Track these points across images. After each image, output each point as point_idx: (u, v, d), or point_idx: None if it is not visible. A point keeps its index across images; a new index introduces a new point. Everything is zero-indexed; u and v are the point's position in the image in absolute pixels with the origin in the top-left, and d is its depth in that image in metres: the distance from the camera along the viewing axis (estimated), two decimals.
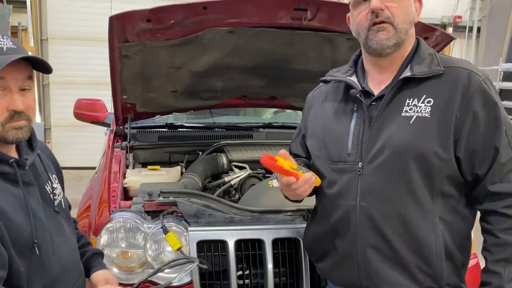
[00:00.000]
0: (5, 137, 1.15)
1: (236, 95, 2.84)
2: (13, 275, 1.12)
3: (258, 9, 2.02)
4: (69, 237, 1.35)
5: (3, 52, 1.11)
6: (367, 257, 1.33)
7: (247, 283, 1.85)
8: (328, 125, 1.44)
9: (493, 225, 1.26)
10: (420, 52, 1.34)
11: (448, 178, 1.27)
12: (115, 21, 1.98)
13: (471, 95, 1.23)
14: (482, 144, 1.25)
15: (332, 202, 1.40)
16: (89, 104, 3.39)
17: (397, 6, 1.27)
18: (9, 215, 1.11)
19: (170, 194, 2.02)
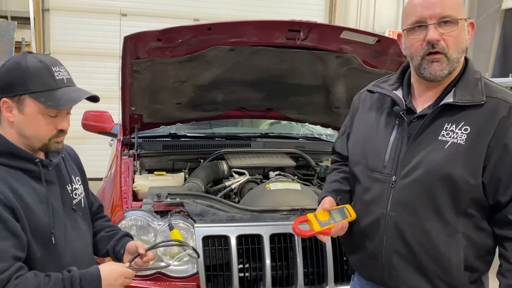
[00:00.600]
0: (47, 148, 1.37)
1: (236, 107, 3.04)
2: (29, 258, 1.28)
3: (257, 30, 2.26)
4: (83, 233, 1.50)
5: (64, 83, 1.32)
6: (391, 260, 1.40)
7: (247, 275, 2.05)
8: (370, 135, 1.50)
9: (508, 252, 1.32)
10: (466, 77, 1.36)
11: (473, 200, 1.33)
12: (129, 40, 2.20)
13: (506, 127, 1.28)
14: (508, 174, 1.29)
15: (365, 207, 1.48)
16: (96, 115, 3.56)
17: (452, 37, 1.30)
18: (31, 206, 1.28)
19: (177, 195, 2.22)
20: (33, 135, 1.32)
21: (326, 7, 8.11)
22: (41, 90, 1.28)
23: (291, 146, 3.16)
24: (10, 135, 1.32)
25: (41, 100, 1.28)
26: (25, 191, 1.29)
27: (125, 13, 7.11)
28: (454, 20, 1.30)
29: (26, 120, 1.30)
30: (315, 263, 2.06)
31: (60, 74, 1.33)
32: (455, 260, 1.34)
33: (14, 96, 1.28)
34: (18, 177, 1.30)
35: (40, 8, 6.93)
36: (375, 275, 1.49)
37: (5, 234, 1.21)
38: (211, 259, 2.00)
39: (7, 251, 1.20)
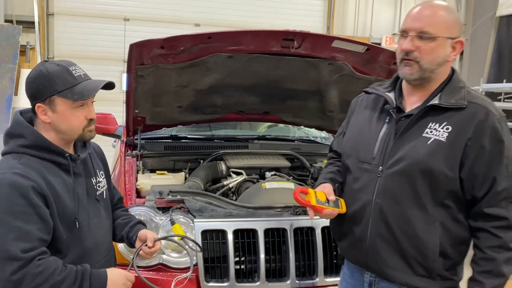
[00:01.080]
0: (83, 137, 1.56)
1: (234, 110, 3.19)
2: (56, 240, 1.45)
3: (254, 39, 2.41)
4: (104, 221, 1.68)
5: (82, 78, 1.51)
6: (375, 244, 1.55)
7: (243, 267, 2.18)
8: (362, 130, 1.66)
9: (482, 242, 1.46)
10: (452, 84, 1.52)
11: (450, 192, 1.47)
12: (134, 47, 2.35)
13: (483, 130, 1.42)
14: (484, 172, 1.44)
15: (354, 194, 1.64)
16: (100, 117, 3.67)
17: (425, 49, 1.46)
18: (59, 194, 1.46)
19: (178, 193, 2.37)
20: (68, 128, 1.50)
21: (324, 13, 8.27)
22: (66, 88, 1.46)
23: (286, 148, 3.31)
24: (48, 135, 1.49)
25: (68, 96, 1.46)
26: (56, 181, 1.46)
27: (128, 18, 7.29)
28: (432, 36, 1.46)
29: (60, 117, 1.48)
30: (306, 256, 2.19)
31: (77, 72, 1.51)
32: (432, 245, 1.49)
33: (45, 100, 1.46)
34: (50, 168, 1.47)
35: (45, 13, 7.09)
36: (361, 258, 1.63)
37: (34, 218, 1.37)
38: (209, 252, 2.12)
39: (33, 233, 1.36)
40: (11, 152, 1.47)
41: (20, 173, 1.39)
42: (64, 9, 7.19)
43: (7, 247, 1.33)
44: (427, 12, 1.49)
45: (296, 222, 2.21)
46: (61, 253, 1.48)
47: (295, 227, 2.19)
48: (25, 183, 1.37)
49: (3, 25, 6.63)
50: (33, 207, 1.37)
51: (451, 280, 1.55)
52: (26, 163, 1.43)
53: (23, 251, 1.34)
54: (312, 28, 8.02)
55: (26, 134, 1.47)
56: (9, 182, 1.37)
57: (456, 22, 1.51)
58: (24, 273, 1.33)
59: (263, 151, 3.19)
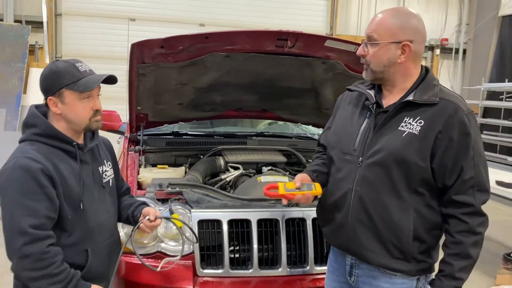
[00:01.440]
0: (90, 127, 1.72)
1: (233, 107, 3.30)
2: (62, 219, 1.62)
3: (249, 39, 2.52)
4: (109, 206, 1.85)
5: (87, 73, 1.67)
6: (355, 229, 1.66)
7: (237, 256, 2.30)
8: (346, 124, 1.78)
9: (451, 227, 1.58)
10: (426, 82, 1.63)
11: (422, 180, 1.58)
12: (136, 47, 2.48)
13: (451, 123, 1.53)
14: (452, 162, 1.54)
15: (337, 183, 1.75)
16: (105, 114, 3.79)
17: (371, 54, 1.63)
18: (66, 177, 1.63)
19: (177, 185, 2.48)
20: (76, 118, 1.67)
21: (327, 13, 8.36)
22: (72, 81, 1.63)
23: (284, 144, 3.42)
24: (59, 126, 1.67)
25: (74, 88, 1.63)
26: (63, 166, 1.64)
27: (134, 18, 7.44)
28: (376, 42, 1.61)
29: (69, 108, 1.66)
30: (297, 246, 2.30)
31: (83, 67, 1.68)
32: (406, 230, 1.60)
33: (55, 93, 1.64)
34: (59, 155, 1.65)
35: (53, 13, 7.26)
36: (343, 243, 1.75)
37: (42, 198, 1.55)
38: (205, 240, 2.24)
39: (41, 211, 1.54)
40: (26, 140, 1.66)
41: (31, 157, 1.57)
42: (72, 9, 7.36)
43: (18, 222, 1.50)
44: (376, 20, 1.64)
45: (288, 213, 2.31)
46: (66, 232, 1.65)
47: (286, 218, 2.30)
48: (35, 166, 1.55)
49: (13, 25, 6.81)
50: (41, 188, 1.54)
51: (425, 262, 1.65)
52: (37, 149, 1.61)
53: (32, 227, 1.50)
54: (315, 28, 8.14)
55: (39, 124, 1.66)
56: (21, 165, 1.55)
57: (402, 28, 1.60)
58: (32, 251, 1.50)
59: (260, 147, 3.30)
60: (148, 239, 2.29)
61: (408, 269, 1.64)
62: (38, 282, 1.54)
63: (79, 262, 1.67)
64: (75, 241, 1.67)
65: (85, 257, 1.70)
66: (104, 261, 1.78)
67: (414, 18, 1.63)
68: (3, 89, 6.44)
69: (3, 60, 6.53)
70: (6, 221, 1.54)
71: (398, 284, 1.66)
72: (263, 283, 2.23)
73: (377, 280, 1.69)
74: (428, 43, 8.90)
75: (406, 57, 1.61)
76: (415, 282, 1.67)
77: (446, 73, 9.18)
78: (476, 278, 4.16)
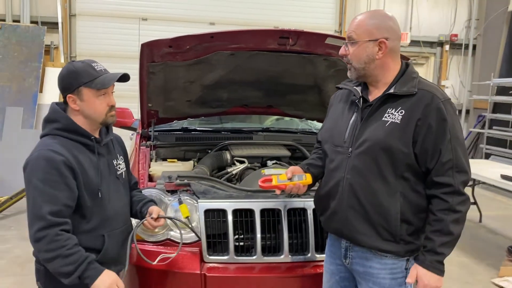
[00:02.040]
0: (106, 122, 1.87)
1: (239, 104, 3.42)
2: (82, 207, 1.77)
3: (252, 38, 2.64)
4: (123, 196, 2.00)
5: (103, 72, 1.82)
6: (347, 213, 1.80)
7: (242, 244, 2.42)
8: (337, 119, 1.93)
9: (434, 206, 1.70)
10: (406, 76, 1.78)
11: (407, 165, 1.71)
12: (145, 47, 2.61)
13: (429, 111, 1.67)
14: (432, 146, 1.68)
15: (330, 173, 1.90)
16: (118, 112, 3.89)
17: (352, 52, 1.77)
18: (86, 168, 1.78)
19: (185, 178, 2.61)
20: (93, 113, 1.82)
21: (336, 11, 8.41)
22: (90, 80, 1.77)
23: (289, 139, 3.54)
24: (77, 121, 1.82)
25: (92, 86, 1.77)
26: (83, 158, 1.78)
27: (145, 17, 7.60)
28: (354, 41, 1.76)
29: (87, 104, 1.80)
30: (299, 234, 2.42)
31: (99, 67, 1.83)
32: (394, 213, 1.73)
33: (74, 91, 1.78)
34: (79, 148, 1.79)
35: (68, 14, 7.43)
36: (337, 227, 1.88)
37: (63, 187, 1.69)
38: (211, 229, 2.37)
39: (61, 199, 1.68)
40: (48, 134, 1.79)
41: (54, 150, 1.70)
42: (86, 10, 7.53)
43: (39, 208, 1.64)
44: (354, 22, 1.78)
45: (290, 203, 2.43)
46: (86, 218, 1.79)
47: (288, 208, 2.42)
48: (57, 157, 1.69)
49: (29, 26, 7.02)
50: (62, 177, 1.69)
51: (413, 244, 1.77)
52: (59, 142, 1.75)
53: (50, 213, 1.64)
54: (324, 25, 8.21)
55: (60, 119, 1.80)
56: (44, 157, 1.69)
57: (378, 27, 1.74)
58: (45, 234, 1.64)
59: (265, 141, 3.42)
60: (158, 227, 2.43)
61: (397, 250, 1.76)
62: (53, 263, 1.66)
63: (96, 246, 1.82)
64: (93, 226, 1.81)
65: (102, 242, 1.83)
66: (119, 246, 1.93)
67: (389, 19, 1.77)
68: (20, 88, 6.65)
69: (20, 60, 6.74)
70: (29, 207, 1.68)
71: (389, 265, 1.79)
72: (266, 269, 2.35)
73: (370, 261, 1.81)
74: (438, 39, 8.90)
75: (383, 53, 1.75)
76: (405, 262, 1.79)
77: (455, 69, 9.16)
78: (481, 270, 4.24)
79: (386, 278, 1.79)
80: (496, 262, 4.34)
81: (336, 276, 2.00)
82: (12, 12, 7.30)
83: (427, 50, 8.96)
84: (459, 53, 9.07)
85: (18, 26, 6.95)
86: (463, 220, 1.70)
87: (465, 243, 4.93)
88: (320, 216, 2.02)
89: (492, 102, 8.13)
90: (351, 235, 1.83)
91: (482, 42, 8.88)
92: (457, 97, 9.21)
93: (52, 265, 1.67)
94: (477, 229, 5.53)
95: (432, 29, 8.86)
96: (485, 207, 5.93)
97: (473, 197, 5.68)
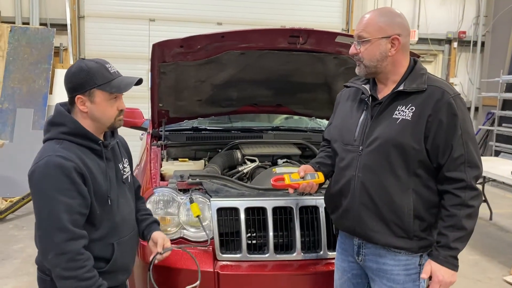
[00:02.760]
0: (114, 126, 1.78)
1: (249, 103, 3.44)
2: (91, 214, 1.68)
3: (263, 37, 2.65)
4: (129, 201, 1.93)
5: (116, 74, 1.73)
6: (359, 212, 1.79)
7: (254, 242, 2.43)
8: (346, 118, 1.92)
9: (446, 201, 1.70)
10: (414, 73, 1.77)
11: (419, 162, 1.71)
12: (157, 47, 2.64)
13: (439, 107, 1.66)
14: (443, 142, 1.67)
15: (341, 172, 1.89)
16: (128, 112, 3.99)
17: (364, 51, 1.76)
18: (95, 175, 1.68)
19: (197, 176, 2.63)
20: (103, 117, 1.72)
21: (343, 9, 8.40)
22: (104, 82, 1.68)
23: (299, 137, 3.54)
24: (84, 123, 1.71)
25: (107, 89, 1.68)
26: (91, 164, 1.68)
27: (154, 18, 7.65)
28: (367, 40, 1.74)
29: (97, 107, 1.70)
30: (311, 232, 2.42)
31: (112, 69, 1.73)
32: (407, 209, 1.73)
33: (85, 92, 1.67)
34: (87, 153, 1.69)
35: (76, 16, 7.51)
36: (349, 226, 1.88)
37: (76, 195, 1.60)
38: (224, 227, 2.38)
39: (75, 207, 1.60)
40: (53, 139, 1.67)
41: (63, 155, 1.60)
42: (94, 11, 7.59)
43: (58, 218, 1.56)
44: (363, 21, 1.77)
45: (301, 201, 2.43)
46: (95, 226, 1.70)
47: (300, 206, 2.42)
48: (68, 164, 1.58)
49: (39, 28, 7.09)
50: (74, 185, 1.59)
51: (426, 239, 1.77)
52: (67, 147, 1.64)
53: (71, 223, 1.57)
54: (332, 24, 8.20)
55: (67, 123, 1.69)
56: (54, 163, 1.58)
57: (389, 23, 1.74)
58: (69, 248, 1.56)
59: (275, 140, 3.43)
60: (171, 226, 2.46)
61: (411, 247, 1.76)
62: (66, 282, 1.58)
63: (106, 255, 1.74)
64: (103, 235, 1.72)
65: (111, 251, 1.75)
66: (128, 253, 1.87)
67: (398, 16, 1.77)
68: (30, 90, 6.72)
69: (30, 62, 6.80)
70: (44, 217, 1.58)
71: (403, 261, 1.79)
72: (278, 266, 2.36)
73: (383, 258, 1.82)
74: (446, 36, 8.86)
75: (396, 49, 1.74)
76: (418, 258, 1.79)
77: (464, 66, 9.12)
78: (492, 268, 4.22)
79: (400, 274, 1.80)
80: (508, 260, 4.32)
81: (348, 274, 2.00)
82: (21, 15, 7.39)
83: (435, 48, 8.92)
84: (468, 50, 9.03)
85: (27, 28, 7.02)
86: (475, 215, 1.70)
87: (476, 241, 4.91)
88: (332, 214, 2.02)
89: (501, 99, 8.09)
90: (364, 233, 1.83)
91: (491, 39, 8.82)
92: (466, 94, 9.16)
93: (63, 283, 1.59)
94: (487, 227, 5.50)
95: (440, 26, 8.82)
96: (495, 205, 5.91)
97: (484, 194, 5.65)
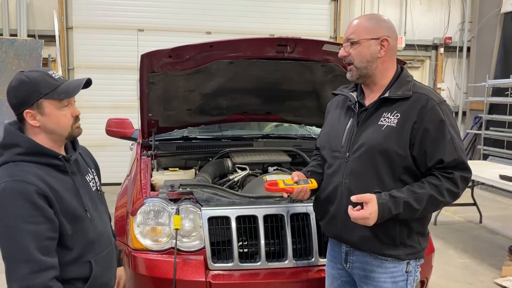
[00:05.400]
0: (72, 135, 1.65)
1: (238, 111, 3.45)
2: (62, 235, 1.54)
3: (251, 46, 2.67)
4: (102, 213, 1.79)
5: (62, 80, 1.59)
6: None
7: (246, 250, 2.43)
8: (333, 125, 1.94)
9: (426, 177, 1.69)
10: (400, 80, 1.80)
11: (404, 168, 1.71)
12: (145, 57, 2.64)
13: (424, 113, 1.68)
14: (431, 148, 1.68)
15: (329, 178, 1.90)
16: (118, 122, 4.02)
17: (354, 52, 1.78)
18: (60, 193, 1.53)
19: (188, 186, 2.63)
20: (58, 128, 1.59)
21: (331, 17, 8.48)
22: (51, 90, 1.55)
23: (289, 145, 3.57)
24: (39, 139, 1.58)
25: (55, 96, 1.55)
26: (54, 182, 1.54)
27: (142, 28, 7.65)
28: (356, 41, 1.77)
29: (49, 118, 1.56)
30: (302, 239, 2.43)
31: (56, 75, 1.60)
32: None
33: (32, 105, 1.54)
34: (47, 171, 1.55)
35: (64, 27, 7.48)
36: (336, 232, 1.89)
37: (42, 220, 1.46)
38: (215, 236, 2.37)
39: (43, 233, 1.47)
40: (7, 162, 1.53)
41: (21, 179, 1.46)
42: (82, 22, 7.57)
43: (22, 249, 1.43)
44: (352, 24, 1.81)
45: (292, 208, 2.45)
46: (67, 248, 1.57)
47: (291, 213, 2.44)
48: (28, 188, 1.45)
49: (27, 39, 7.05)
50: (39, 210, 1.46)
51: (413, 247, 1.78)
52: (24, 169, 1.49)
53: (36, 252, 1.44)
54: (320, 32, 8.28)
55: (21, 142, 1.54)
56: (12, 190, 1.44)
57: (377, 26, 1.77)
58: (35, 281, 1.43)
59: (266, 148, 3.45)
60: (162, 236, 2.45)
61: (397, 254, 1.77)
62: None
63: (84, 275, 1.63)
64: (78, 255, 1.61)
65: (89, 269, 1.64)
66: (107, 269, 1.77)
67: (385, 21, 1.82)
68: None
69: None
70: (8, 249, 1.45)
71: (390, 268, 1.79)
72: (270, 274, 2.36)
73: (370, 265, 1.82)
74: (432, 42, 8.98)
75: (385, 51, 1.77)
76: (405, 265, 1.80)
77: (450, 72, 9.23)
78: (483, 270, 4.25)
79: (387, 281, 1.80)
80: (498, 262, 4.36)
81: (337, 281, 2.01)
82: (9, 26, 7.35)
83: (422, 54, 9.04)
84: (454, 55, 9.16)
85: (15, 40, 6.98)
86: (437, 205, 1.70)
87: (466, 244, 4.95)
88: (320, 221, 2.02)
89: (488, 103, 8.20)
90: (351, 240, 1.83)
91: (476, 44, 8.95)
92: (453, 99, 9.28)
93: None
94: (477, 230, 5.54)
95: (426, 32, 8.94)
96: (485, 208, 5.96)
97: (473, 198, 5.71)
